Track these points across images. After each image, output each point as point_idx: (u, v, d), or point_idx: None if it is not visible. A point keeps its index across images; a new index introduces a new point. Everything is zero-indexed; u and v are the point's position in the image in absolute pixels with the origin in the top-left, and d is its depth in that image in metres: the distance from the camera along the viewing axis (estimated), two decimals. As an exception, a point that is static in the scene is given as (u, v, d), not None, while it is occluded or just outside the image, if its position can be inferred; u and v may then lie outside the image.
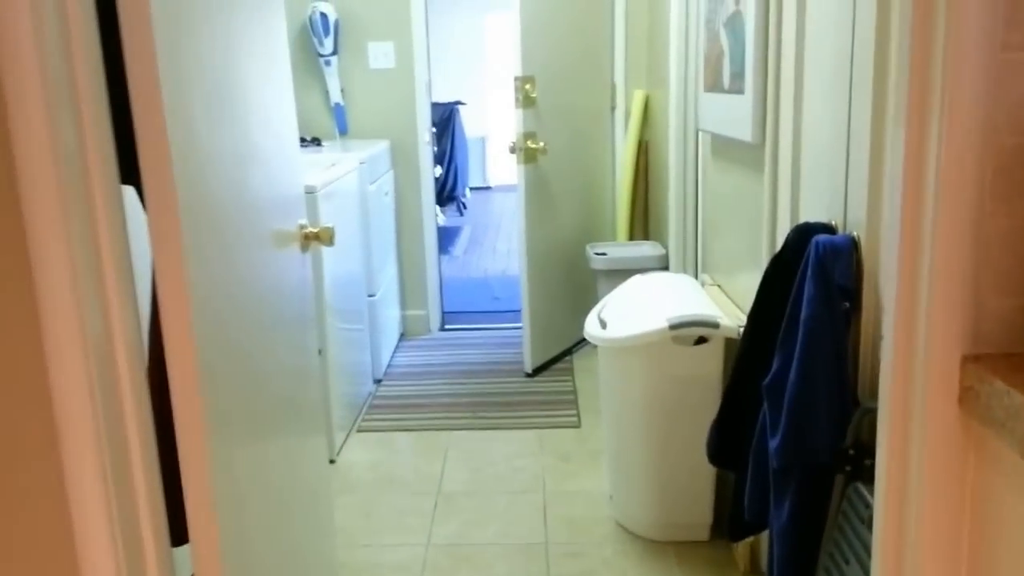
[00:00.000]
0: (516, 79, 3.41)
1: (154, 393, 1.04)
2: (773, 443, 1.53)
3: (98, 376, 0.91)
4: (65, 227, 0.88)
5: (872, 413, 1.45)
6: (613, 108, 4.00)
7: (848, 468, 1.44)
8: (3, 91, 0.86)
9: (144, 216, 1.03)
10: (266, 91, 1.45)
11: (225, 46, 1.23)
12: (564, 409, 3.20)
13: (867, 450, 1.45)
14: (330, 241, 1.66)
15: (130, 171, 1.02)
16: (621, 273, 3.44)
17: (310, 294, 1.71)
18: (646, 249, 3.64)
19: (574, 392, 3.38)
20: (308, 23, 3.81)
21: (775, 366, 1.56)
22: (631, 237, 3.98)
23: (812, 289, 1.48)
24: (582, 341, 3.96)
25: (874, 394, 1.48)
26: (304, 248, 1.67)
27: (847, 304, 1.50)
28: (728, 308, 2.30)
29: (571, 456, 2.83)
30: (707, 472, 2.27)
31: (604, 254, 3.56)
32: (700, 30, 2.48)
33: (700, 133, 2.73)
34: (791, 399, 1.49)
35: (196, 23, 1.11)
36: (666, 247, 3.51)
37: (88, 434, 0.93)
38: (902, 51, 0.85)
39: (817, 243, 1.49)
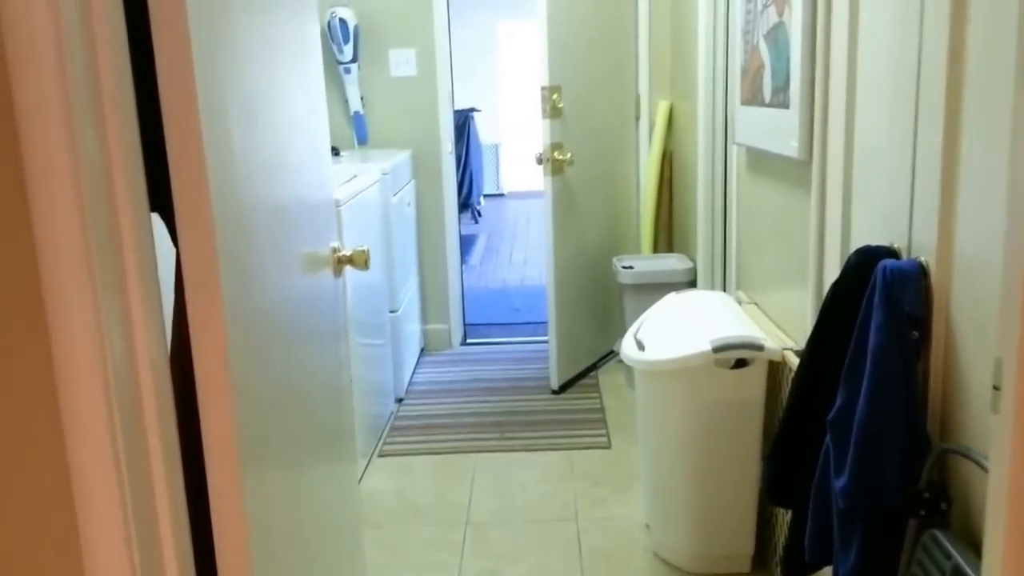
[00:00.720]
0: (543, 89, 3.32)
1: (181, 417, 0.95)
2: (839, 483, 1.44)
3: (124, 443, 0.82)
4: (87, 268, 0.79)
5: (949, 454, 1.35)
6: (637, 118, 3.91)
7: (922, 512, 1.34)
8: (16, 104, 0.76)
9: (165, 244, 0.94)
10: (302, 103, 1.36)
11: (264, 57, 1.14)
12: (593, 428, 3.11)
13: (943, 493, 1.35)
14: (365, 265, 1.57)
15: (154, 195, 0.93)
16: (649, 287, 3.34)
17: (343, 319, 1.63)
18: (673, 262, 3.54)
19: (602, 410, 3.28)
20: (327, 29, 3.73)
21: (840, 400, 1.46)
22: (655, 249, 3.88)
23: (880, 318, 1.38)
24: (607, 356, 3.86)
25: (946, 431, 1.38)
26: (337, 273, 1.58)
27: (916, 334, 1.40)
28: (769, 328, 2.20)
29: (603, 480, 2.73)
30: (749, 501, 2.17)
31: (631, 267, 3.46)
32: (735, 42, 2.38)
33: (734, 146, 2.63)
34: (859, 436, 1.39)
35: (234, 29, 1.03)
36: (693, 260, 3.42)
37: (113, 500, 0.84)
38: (992, 63, 0.76)
39: (884, 268, 1.39)
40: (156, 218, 0.99)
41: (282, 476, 1.21)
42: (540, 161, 3.39)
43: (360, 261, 1.55)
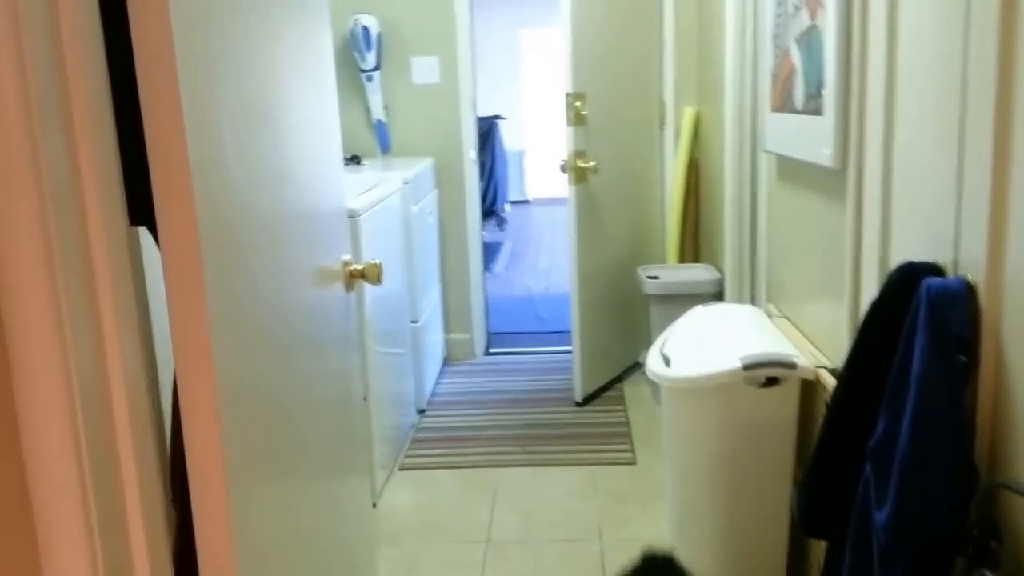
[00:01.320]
0: (567, 95, 3.24)
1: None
2: (880, 516, 1.33)
3: (93, 473, 0.75)
4: (50, 285, 0.72)
5: (1000, 488, 1.24)
6: (662, 125, 3.81)
7: (971, 550, 1.23)
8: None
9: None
10: (311, 109, 1.29)
11: (266, 60, 1.07)
12: (618, 443, 3.01)
13: (993, 530, 1.24)
14: (377, 279, 1.50)
15: (142, 204, 0.86)
16: (675, 298, 3.24)
17: (355, 331, 1.55)
18: (700, 273, 3.43)
19: (627, 424, 3.18)
20: (349, 36, 3.67)
21: (881, 427, 1.36)
22: (681, 259, 3.78)
23: (925, 340, 1.28)
24: (632, 368, 3.76)
25: (995, 463, 1.27)
26: (349, 288, 1.51)
27: (963, 358, 1.29)
28: (801, 344, 2.09)
29: (627, 497, 2.63)
30: (781, 525, 2.06)
31: (656, 278, 3.36)
32: (765, 46, 2.28)
33: (763, 154, 2.53)
34: (902, 466, 1.29)
35: (228, 29, 0.96)
36: (720, 271, 3.31)
37: (80, 538, 0.77)
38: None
39: (929, 287, 1.29)
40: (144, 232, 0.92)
41: (279, 497, 1.14)
42: (564, 169, 3.30)
43: (372, 275, 1.48)
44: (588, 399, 3.41)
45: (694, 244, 3.84)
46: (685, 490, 2.15)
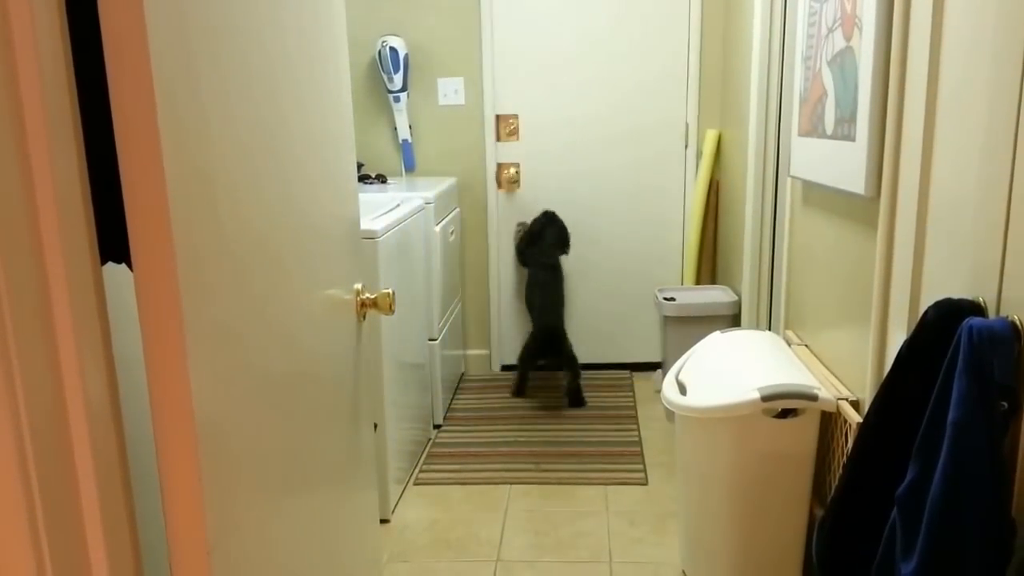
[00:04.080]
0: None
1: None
2: (907, 568, 1.19)
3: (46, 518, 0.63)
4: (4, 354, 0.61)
5: (1045, 547, 1.10)
6: (685, 146, 3.68)
7: (1010, 613, 1.08)
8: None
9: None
10: (321, 127, 1.18)
11: (268, 75, 0.96)
12: (630, 462, 2.87)
13: (1036, 593, 1.10)
14: (389, 310, 1.38)
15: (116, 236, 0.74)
16: (691, 320, 3.10)
17: (365, 363, 1.44)
18: (717, 295, 3.29)
19: (639, 443, 3.04)
20: (377, 58, 3.59)
21: (912, 474, 1.21)
22: (698, 280, 3.64)
23: (964, 385, 1.14)
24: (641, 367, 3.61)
25: (1039, 517, 1.13)
26: (360, 317, 1.40)
27: (1005, 405, 1.15)
28: (821, 374, 1.95)
29: (638, 519, 2.49)
30: (794, 556, 1.92)
31: (673, 299, 3.22)
32: (794, 69, 2.15)
33: (787, 179, 2.39)
34: (933, 518, 1.15)
35: (218, 44, 0.85)
36: (738, 293, 3.17)
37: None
38: None
39: (971, 329, 1.15)
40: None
41: (273, 531, 1.02)
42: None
43: (384, 306, 1.36)
44: (601, 417, 3.27)
45: (711, 265, 3.69)
46: (698, 517, 2.01)
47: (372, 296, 1.36)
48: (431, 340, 3.12)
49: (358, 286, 1.36)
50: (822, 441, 1.90)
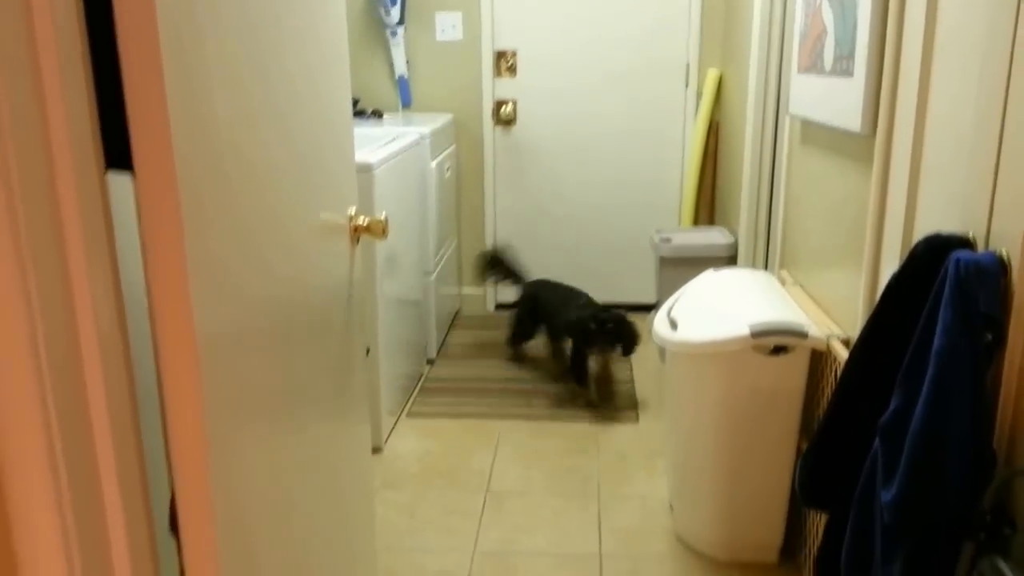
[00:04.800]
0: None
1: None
2: (887, 495, 1.23)
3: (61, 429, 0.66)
4: (15, 251, 0.63)
5: (1016, 474, 1.14)
6: (686, 86, 3.64)
7: (982, 536, 1.13)
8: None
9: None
10: (316, 54, 1.18)
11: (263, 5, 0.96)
12: (621, 401, 2.92)
13: (1007, 517, 1.14)
14: (382, 234, 1.39)
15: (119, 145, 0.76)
16: (687, 262, 3.12)
17: (358, 287, 1.46)
18: (713, 236, 3.30)
19: (631, 382, 3.09)
20: (374, -9, 3.52)
21: (895, 403, 1.25)
22: (696, 222, 3.64)
23: (950, 316, 1.16)
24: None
25: (1016, 448, 1.16)
26: (354, 242, 1.41)
27: (990, 337, 1.18)
28: (813, 313, 1.97)
29: (628, 455, 2.55)
30: (781, 492, 1.98)
31: (669, 240, 3.23)
32: (795, 6, 2.12)
33: (786, 118, 2.38)
34: (914, 446, 1.18)
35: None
36: (735, 235, 3.18)
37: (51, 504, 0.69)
38: None
39: (958, 261, 1.17)
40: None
41: (269, 445, 1.06)
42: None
43: (377, 230, 1.37)
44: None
45: (710, 208, 3.69)
46: (687, 452, 2.07)
47: (365, 222, 1.37)
48: (426, 274, 3.14)
49: (352, 211, 1.37)
50: (812, 379, 1.94)
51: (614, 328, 2.80)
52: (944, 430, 1.16)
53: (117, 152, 0.75)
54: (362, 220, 1.40)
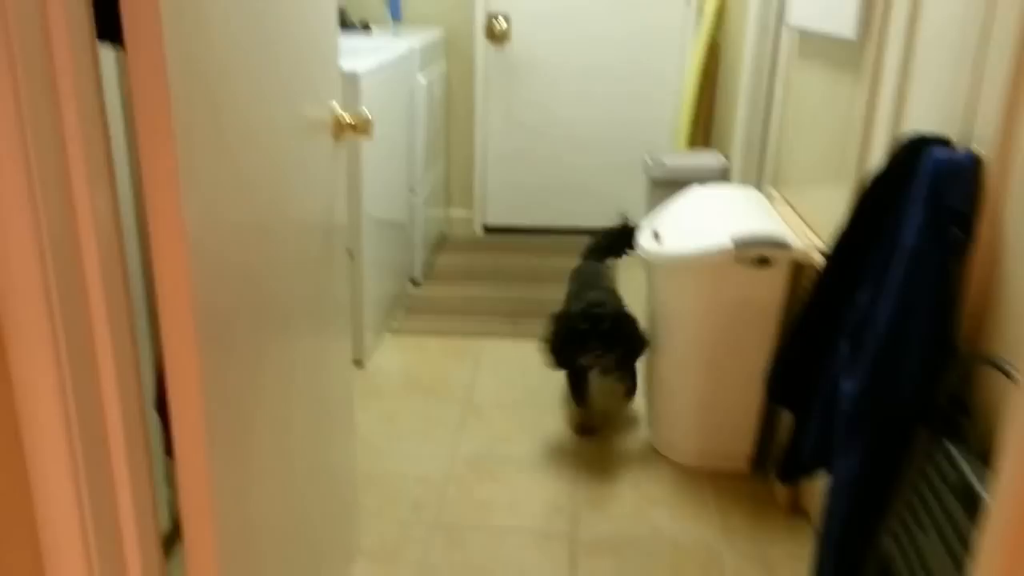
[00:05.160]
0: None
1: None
2: (848, 385, 1.27)
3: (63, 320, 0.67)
4: (16, 116, 0.63)
5: (978, 365, 1.17)
6: (687, 2, 3.57)
7: (937, 422, 1.17)
8: None
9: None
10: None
11: None
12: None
13: (962, 405, 1.18)
14: (368, 133, 1.38)
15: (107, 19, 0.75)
16: (677, 184, 3.11)
17: (339, 185, 1.45)
18: (706, 159, 3.28)
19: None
20: None
21: (863, 297, 1.27)
22: (692, 145, 3.62)
23: (920, 214, 1.18)
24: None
25: (979, 342, 1.19)
26: (337, 138, 1.40)
27: (959, 233, 1.19)
28: (797, 226, 1.99)
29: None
30: (753, 402, 2.02)
31: (661, 163, 3.22)
32: (796, -91, 2.07)
33: (785, 30, 2.34)
34: (879, 337, 1.21)
35: None
36: (729, 159, 3.16)
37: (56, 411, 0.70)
38: None
39: (934, 159, 1.18)
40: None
41: (248, 353, 1.07)
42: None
43: (363, 128, 1.37)
44: (582, 280, 3.33)
45: (706, 132, 3.66)
46: (666, 363, 2.10)
47: (351, 120, 1.36)
48: (412, 191, 3.13)
49: (335, 104, 1.35)
50: (792, 290, 1.96)
51: (611, 328, 2.07)
52: (909, 322, 1.19)
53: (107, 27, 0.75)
54: (348, 119, 1.39)
